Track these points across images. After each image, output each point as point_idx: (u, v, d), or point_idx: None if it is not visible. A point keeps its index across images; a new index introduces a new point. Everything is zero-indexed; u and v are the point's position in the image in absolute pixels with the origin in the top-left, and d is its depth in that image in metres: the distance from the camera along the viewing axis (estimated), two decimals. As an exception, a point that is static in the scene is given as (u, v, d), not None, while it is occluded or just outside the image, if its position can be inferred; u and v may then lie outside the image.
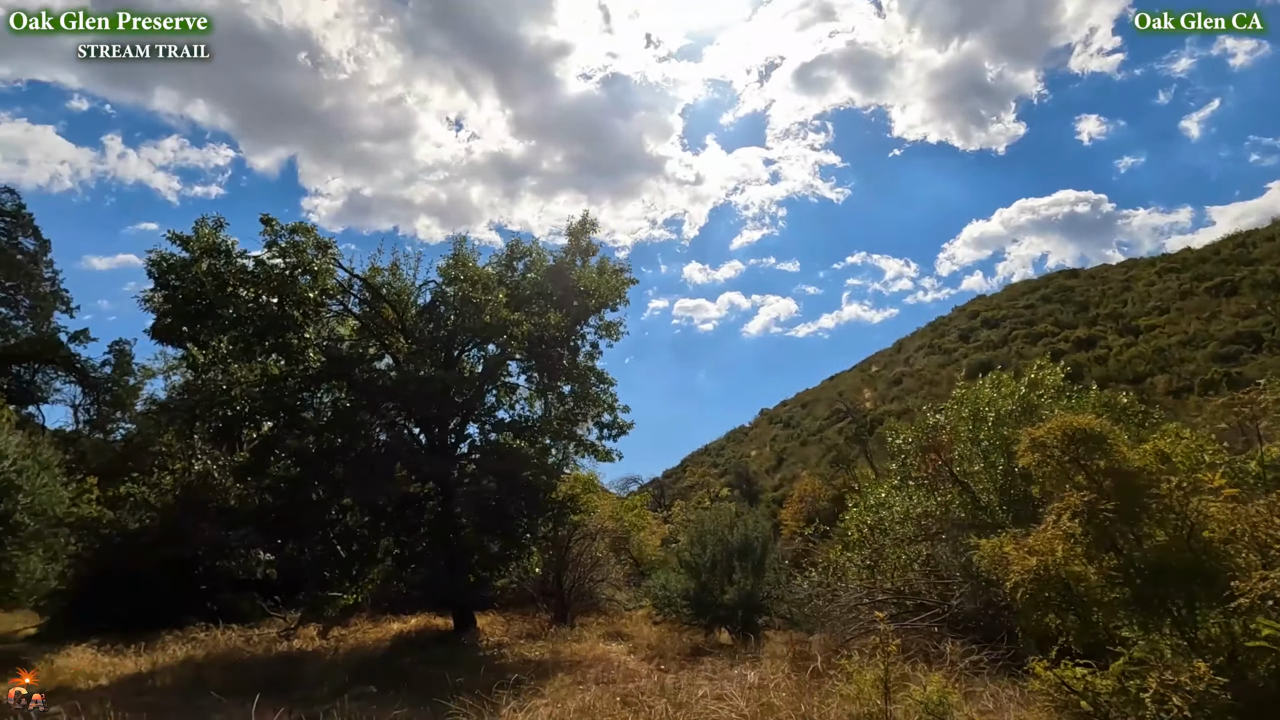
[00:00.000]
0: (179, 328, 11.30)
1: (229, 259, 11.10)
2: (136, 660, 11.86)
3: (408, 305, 13.88)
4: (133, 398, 54.99)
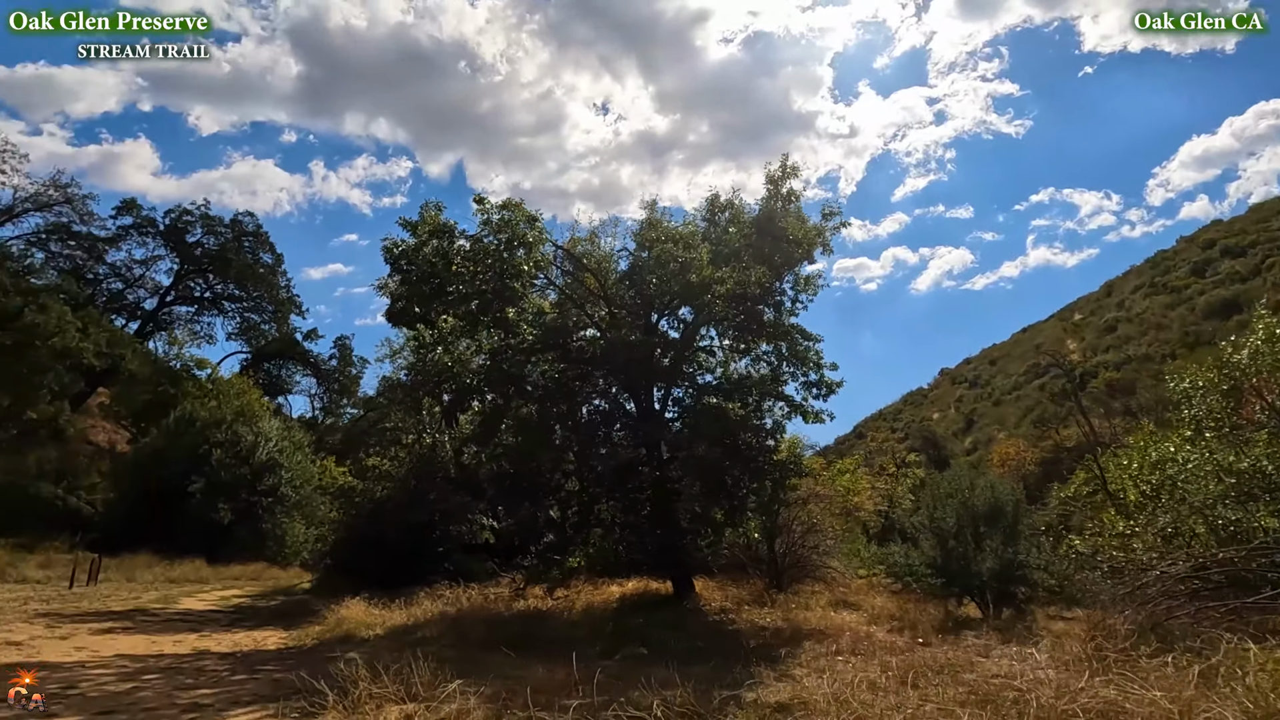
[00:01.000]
0: (412, 309, 12.08)
1: (452, 238, 11.65)
2: (399, 613, 13.14)
3: (608, 273, 13.89)
4: (355, 385, 62.71)
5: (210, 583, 23.91)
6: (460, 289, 11.52)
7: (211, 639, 10.98)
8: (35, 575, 19.31)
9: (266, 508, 33.27)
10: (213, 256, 50.27)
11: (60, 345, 32.40)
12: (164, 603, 15.92)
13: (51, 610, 12.99)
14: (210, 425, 33.38)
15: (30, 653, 8.63)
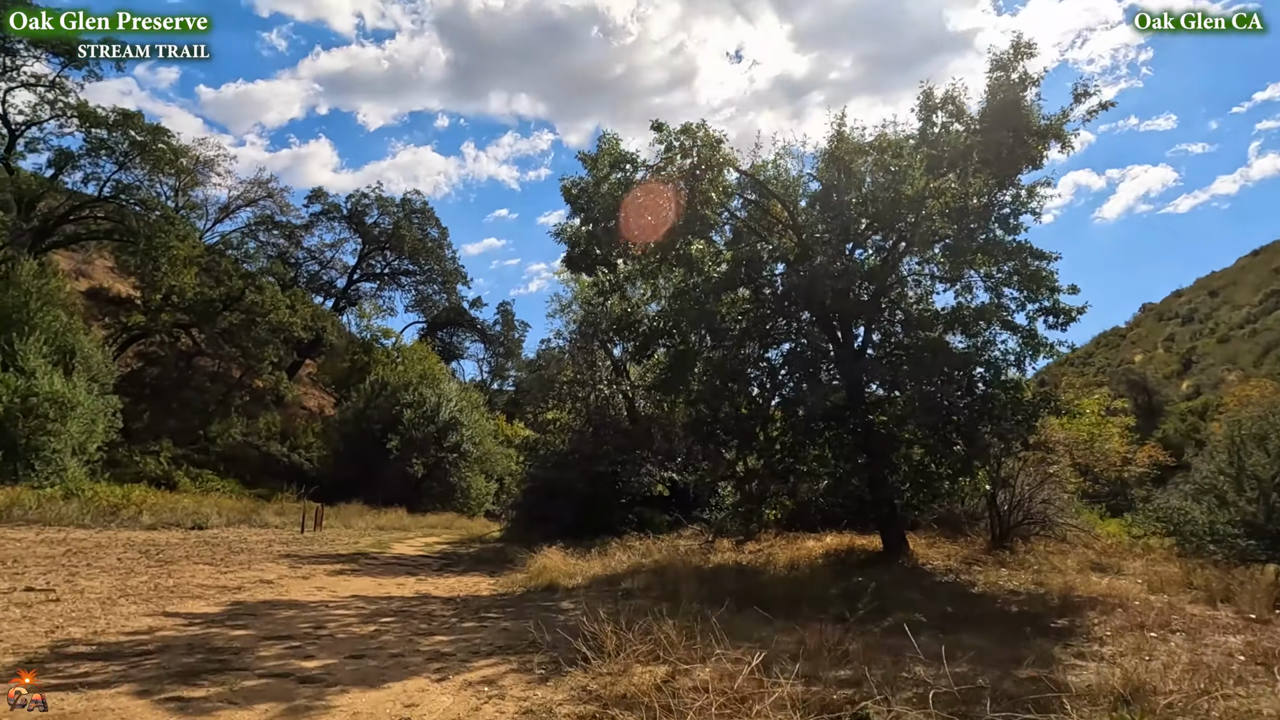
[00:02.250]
0: (593, 251, 11.42)
1: (634, 168, 10.80)
2: (595, 563, 12.99)
3: (796, 199, 12.43)
4: (518, 348, 65.86)
5: (411, 530, 25.96)
6: None
7: (429, 583, 11.35)
8: (274, 521, 21.82)
9: (452, 463, 35.75)
10: (389, 234, 54.26)
11: (275, 320, 36.46)
12: (379, 548, 17.16)
13: (291, 552, 14.29)
14: (399, 388, 36.22)
15: (280, 591, 9.21)
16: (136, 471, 28.44)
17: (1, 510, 16.50)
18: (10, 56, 33.14)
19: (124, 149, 35.20)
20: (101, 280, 45.52)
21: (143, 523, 18.24)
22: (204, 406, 36.52)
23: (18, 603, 6.91)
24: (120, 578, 9.09)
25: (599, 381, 19.07)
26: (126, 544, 13.33)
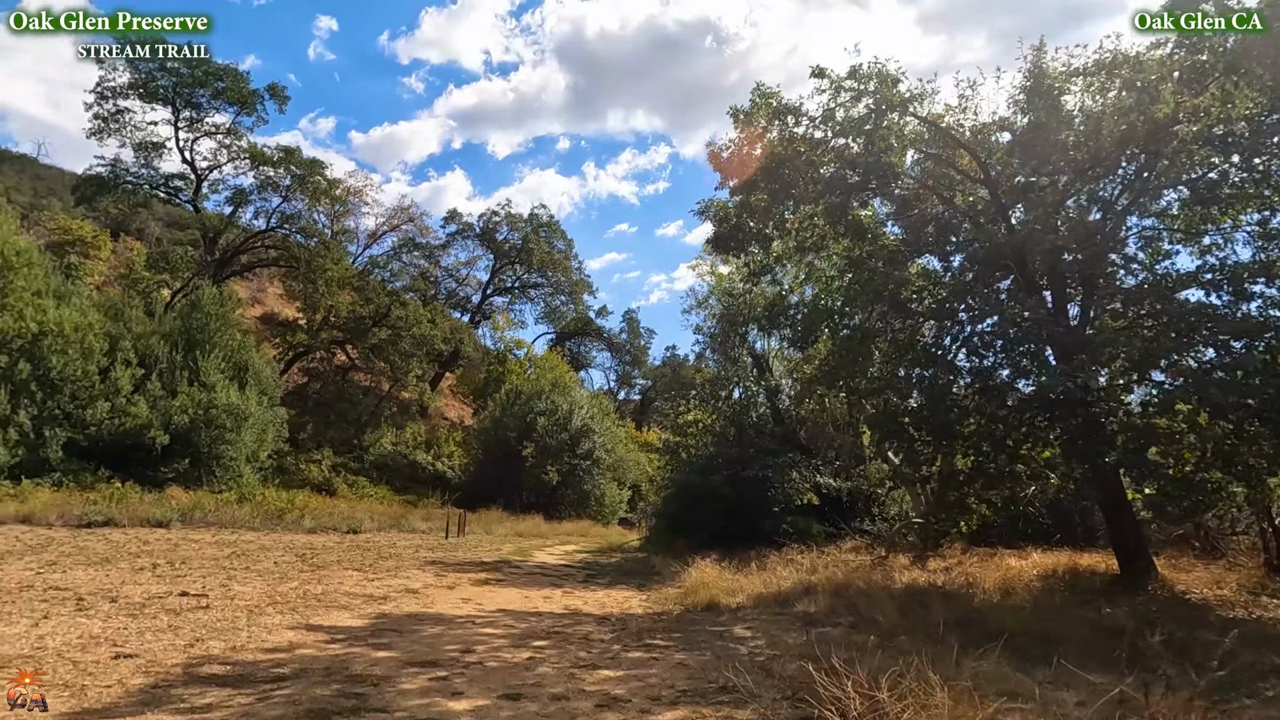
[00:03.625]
0: (745, 225, 10.00)
1: (797, 118, 9.30)
2: (754, 578, 11.49)
3: (989, 148, 10.32)
4: (645, 355, 65.69)
5: (549, 537, 25.66)
6: (819, 176, 9.13)
7: (576, 597, 10.38)
8: (421, 526, 22.18)
9: (585, 470, 35.51)
10: (518, 249, 55.88)
11: (418, 334, 38.15)
12: (521, 556, 16.64)
13: (436, 558, 13.97)
14: (533, 397, 36.58)
15: (426, 601, 8.54)
16: (301, 478, 30.42)
17: (186, 512, 17.68)
18: (196, 110, 37.18)
19: (287, 183, 38.53)
20: (272, 305, 50.22)
21: (304, 526, 18.97)
22: (358, 417, 38.82)
23: (169, 609, 6.56)
24: (272, 583, 8.81)
25: (743, 379, 17.55)
26: (286, 547, 13.54)
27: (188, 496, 19.50)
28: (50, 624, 5.53)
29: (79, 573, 8.26)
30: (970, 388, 8.95)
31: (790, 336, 11.70)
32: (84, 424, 20.03)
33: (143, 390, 21.93)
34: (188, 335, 24.98)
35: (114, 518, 15.76)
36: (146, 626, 5.75)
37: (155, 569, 9.22)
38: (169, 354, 23.78)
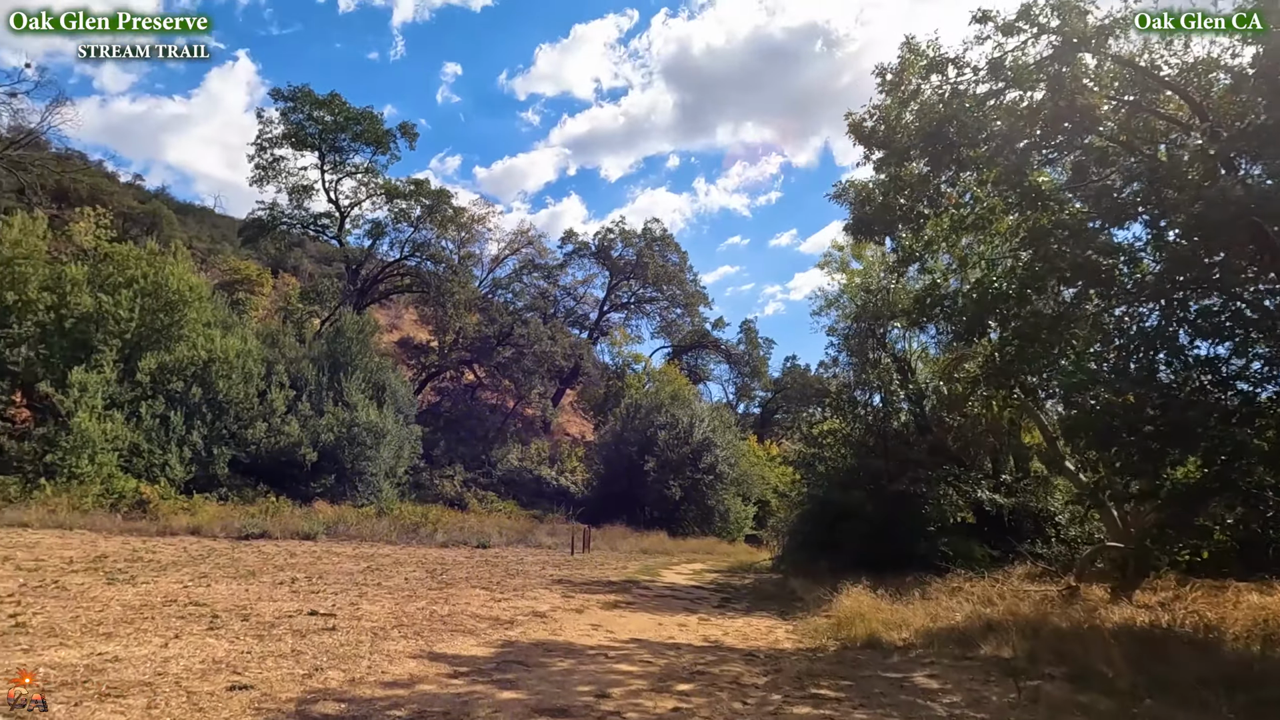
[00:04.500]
0: (893, 203, 8.68)
1: (959, 69, 7.94)
2: (917, 609, 9.96)
3: (1205, 85, 8.37)
4: (764, 366, 63.76)
5: (674, 555, 24.78)
6: (994, 132, 7.70)
7: (714, 625, 9.38)
8: (546, 541, 22.06)
9: (708, 484, 34.39)
10: (632, 264, 56.13)
11: (539, 351, 38.93)
12: (648, 575, 15.87)
13: (563, 576, 13.48)
14: (652, 410, 36.08)
15: (554, 627, 7.89)
16: (436, 493, 31.60)
17: (331, 525, 18.51)
18: (338, 153, 40.46)
19: (417, 214, 41.01)
20: (408, 330, 53.47)
21: (437, 540, 19.31)
22: (486, 434, 40.09)
23: (296, 629, 6.29)
24: (400, 601, 8.54)
25: (884, 384, 15.86)
26: (418, 562, 13.57)
27: (332, 510, 20.49)
28: (179, 645, 5.34)
29: (222, 587, 8.38)
30: (1199, 381, 7.07)
31: (949, 330, 10.12)
32: (245, 442, 21.65)
33: (294, 410, 23.49)
34: (333, 359, 26.66)
35: (268, 530, 16.67)
36: (270, 651, 5.43)
37: (294, 583, 9.26)
38: (316, 376, 25.42)
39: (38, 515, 14.60)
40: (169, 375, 20.61)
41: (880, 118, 8.48)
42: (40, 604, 6.26)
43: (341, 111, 38.97)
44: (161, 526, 15.80)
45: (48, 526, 14.11)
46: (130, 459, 18.79)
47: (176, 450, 19.79)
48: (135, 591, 7.42)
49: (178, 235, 37.93)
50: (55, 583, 7.62)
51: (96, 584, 7.76)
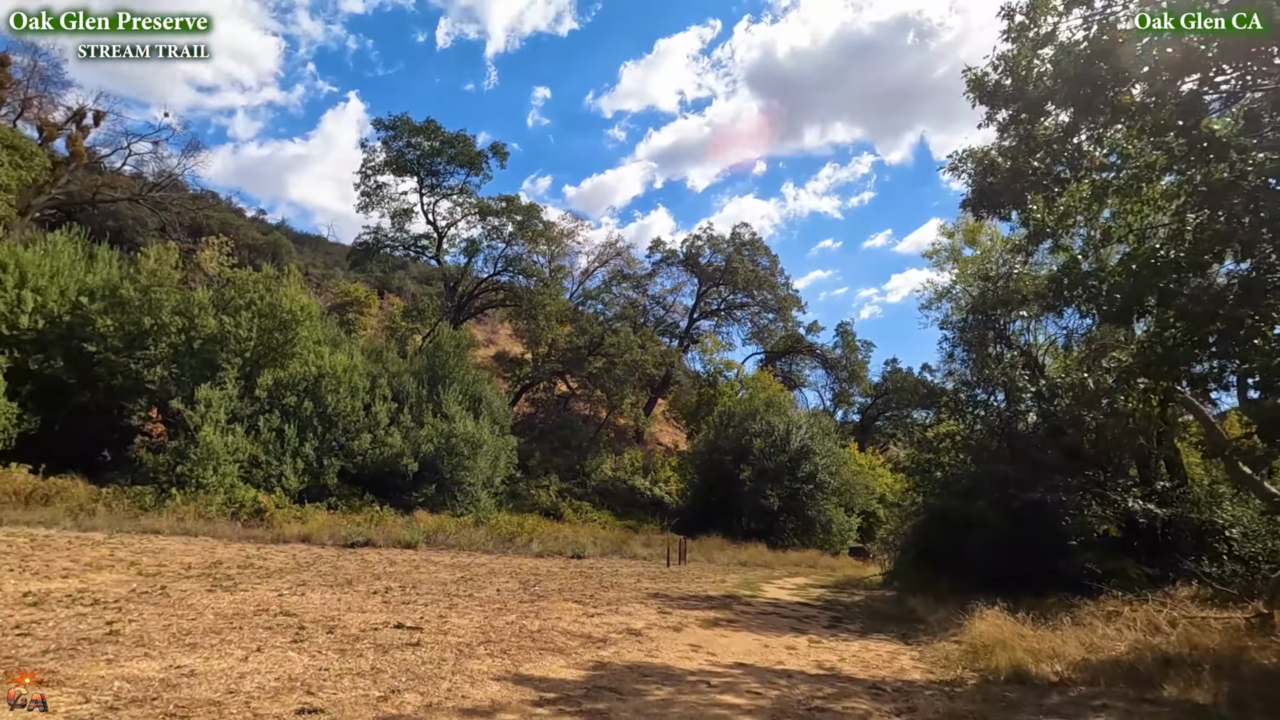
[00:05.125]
0: (1023, 168, 7.51)
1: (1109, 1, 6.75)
2: (1068, 637, 8.57)
3: None
4: (863, 370, 60.88)
5: (775, 568, 23.60)
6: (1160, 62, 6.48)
7: (827, 648, 8.43)
8: (641, 552, 21.52)
9: (808, 494, 32.81)
10: (721, 270, 55.18)
11: (629, 360, 38.74)
12: (749, 590, 14.95)
13: (659, 590, 12.84)
14: (746, 417, 34.96)
15: (650, 647, 7.25)
16: (532, 503, 31.86)
17: (430, 534, 18.79)
18: (435, 176, 42.26)
19: (509, 230, 42.14)
20: (503, 345, 54.95)
21: (532, 550, 19.20)
22: (579, 444, 40.23)
23: (379, 644, 5.99)
24: (490, 614, 8.18)
25: (1009, 381, 14.21)
26: (512, 572, 13.35)
27: (432, 519, 20.86)
28: (259, 658, 5.12)
29: (316, 596, 8.33)
30: None
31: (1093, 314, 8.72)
32: (352, 453, 22.51)
33: (396, 422, 24.26)
34: (431, 372, 27.46)
35: (372, 539, 17.07)
36: (348, 668, 5.11)
37: (387, 593, 9.14)
38: (416, 389, 26.22)
39: (168, 522, 15.56)
40: (284, 390, 21.76)
41: (1006, 69, 7.37)
42: (140, 610, 6.30)
43: (437, 136, 40.71)
44: (275, 534, 16.50)
45: (176, 533, 14.98)
46: (250, 470, 19.89)
47: (291, 461, 20.79)
48: (232, 600, 7.44)
49: (294, 262, 40.66)
50: (162, 589, 7.78)
51: (199, 591, 7.87)
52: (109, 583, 7.92)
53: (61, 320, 20.06)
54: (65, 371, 19.55)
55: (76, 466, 18.03)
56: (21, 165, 24.75)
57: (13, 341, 18.76)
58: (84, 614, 5.92)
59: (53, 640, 4.98)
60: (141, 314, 20.43)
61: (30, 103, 33.28)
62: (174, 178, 40.25)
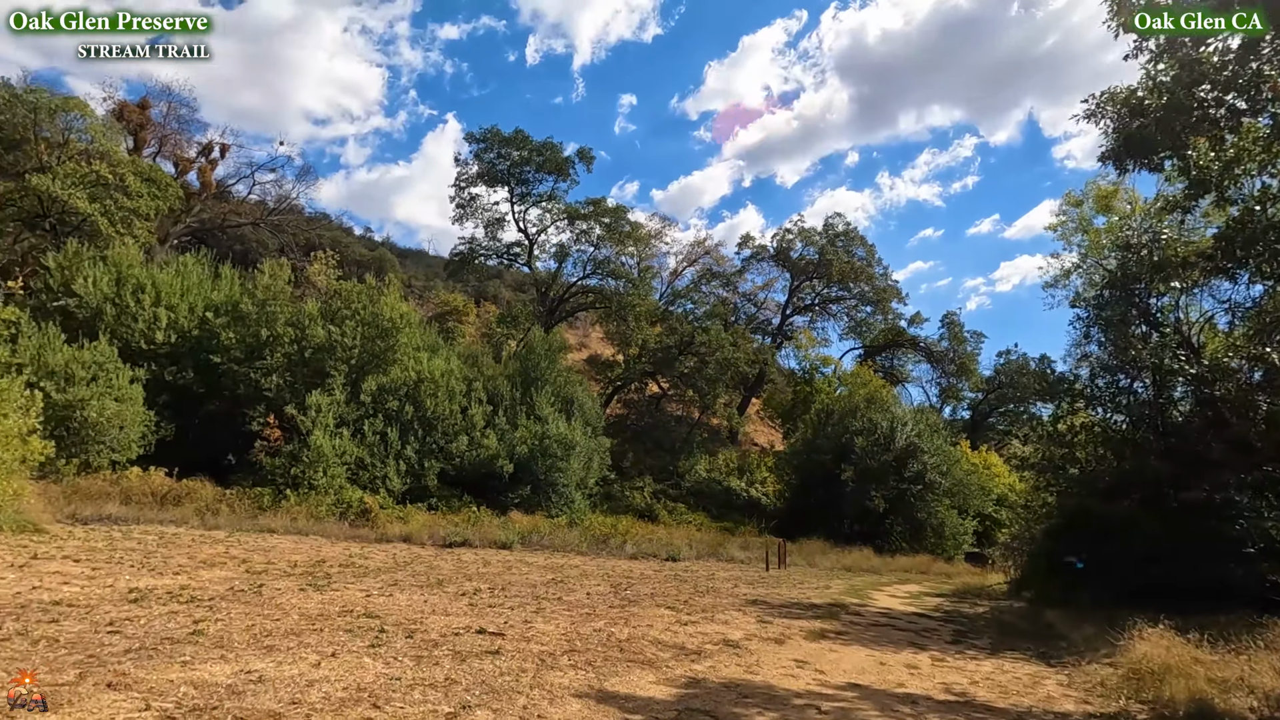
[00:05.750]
0: (1186, 102, 6.25)
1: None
2: (1264, 666, 7.10)
3: None
4: (973, 363, 56.86)
5: (882, 574, 22.10)
6: None
7: (954, 668, 7.41)
8: (739, 555, 20.69)
9: (917, 495, 30.73)
10: (814, 264, 53.15)
11: (721, 358, 37.86)
12: (857, 597, 13.85)
13: (758, 596, 12.05)
14: (846, 415, 33.30)
15: (749, 662, 6.56)
16: (626, 504, 31.65)
17: (525, 534, 18.81)
18: (525, 185, 43.22)
19: (597, 233, 42.45)
20: (595, 349, 55.46)
21: (626, 551, 18.84)
22: (673, 445, 39.74)
23: (457, 651, 5.66)
24: (578, 620, 7.75)
25: (1159, 364, 12.32)
26: (604, 575, 12.97)
27: (527, 520, 20.95)
28: (331, 665, 4.89)
29: (404, 597, 8.21)
30: None
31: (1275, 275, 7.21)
32: (450, 455, 23.04)
33: (492, 425, 24.66)
34: (524, 375, 27.81)
35: (469, 539, 17.25)
36: (421, 678, 4.78)
37: (475, 594, 8.94)
38: (510, 392, 26.59)
39: (282, 522, 16.34)
40: (386, 395, 22.58)
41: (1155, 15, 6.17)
42: (229, 610, 6.32)
43: (525, 145, 41.59)
44: (379, 534, 16.99)
45: (290, 532, 15.68)
46: (356, 472, 20.72)
47: (394, 463, 21.51)
48: (320, 600, 7.42)
49: (396, 274, 42.67)
50: (259, 588, 7.89)
51: (292, 590, 7.93)
52: (213, 580, 8.13)
53: (191, 335, 21.71)
54: (195, 382, 21.12)
55: (205, 470, 19.39)
56: (158, 196, 27.14)
57: (150, 355, 20.45)
58: (176, 612, 5.97)
59: (138, 639, 4.97)
60: (259, 326, 21.78)
61: (167, 140, 36.77)
62: (291, 202, 43.36)
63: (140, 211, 25.85)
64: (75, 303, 20.08)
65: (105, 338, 19.09)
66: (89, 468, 17.06)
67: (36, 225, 24.51)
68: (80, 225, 24.18)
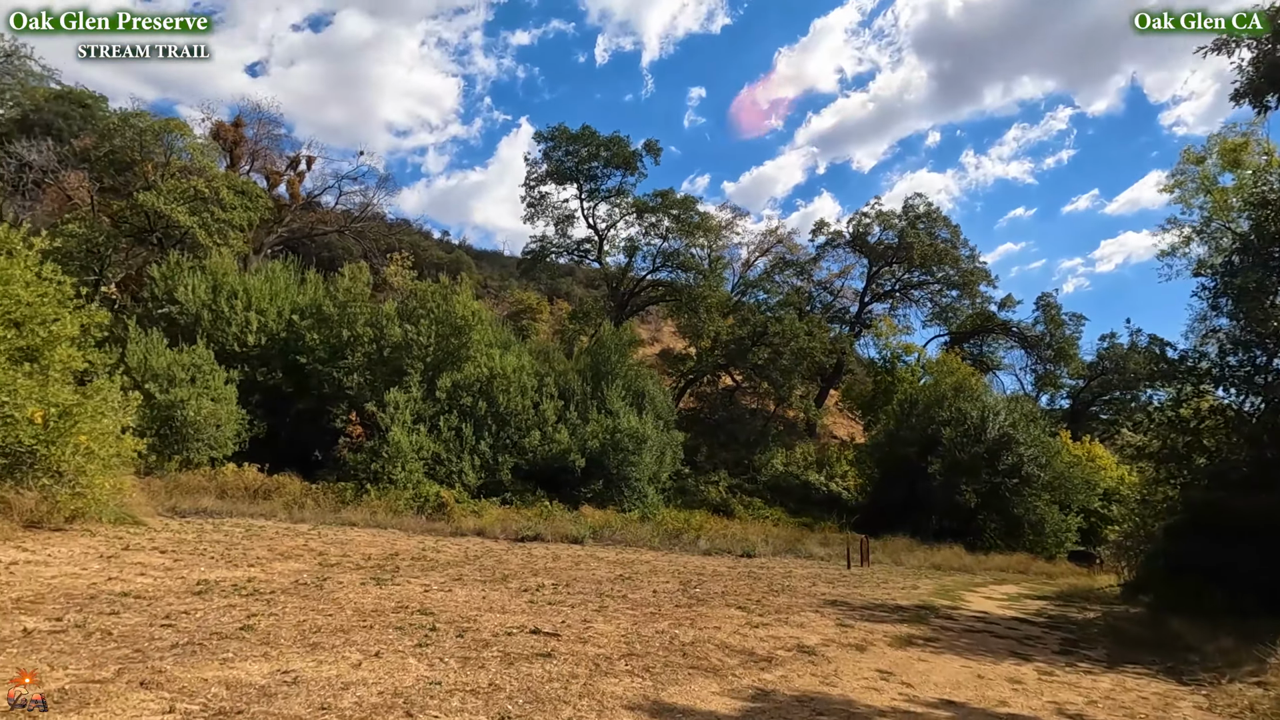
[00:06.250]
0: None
1: None
2: None
3: None
4: (1072, 347, 52.82)
5: (975, 574, 20.64)
6: None
7: (1065, 683, 6.52)
8: (818, 552, 19.81)
9: (1012, 489, 28.65)
10: (893, 248, 50.72)
11: (796, 348, 36.65)
12: (948, 599, 12.83)
13: (837, 596, 11.31)
14: (931, 404, 31.49)
15: (826, 672, 5.96)
16: (701, 498, 31.12)
17: (597, 529, 18.64)
18: (593, 181, 43.32)
19: (666, 225, 42.00)
20: (668, 343, 55.08)
21: (700, 547, 18.35)
22: (748, 438, 38.84)
23: (506, 653, 5.37)
24: (640, 620, 7.35)
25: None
26: (674, 571, 12.55)
27: (599, 515, 20.80)
28: (373, 665, 4.69)
29: (463, 592, 8.06)
30: None
31: None
32: (523, 450, 23.21)
33: (564, 419, 24.69)
34: (595, 369, 27.73)
35: (541, 533, 17.23)
36: (464, 683, 4.50)
37: (538, 590, 8.71)
38: (581, 387, 26.56)
39: (362, 516, 16.81)
40: (460, 392, 22.98)
41: None
42: (285, 604, 6.30)
43: (593, 141, 41.62)
44: (454, 528, 17.22)
45: (369, 526, 16.09)
46: (433, 466, 21.16)
47: (469, 458, 21.85)
48: (379, 594, 7.34)
49: (471, 274, 43.71)
50: (323, 581, 7.92)
51: (354, 584, 7.92)
52: (283, 572, 8.24)
53: (280, 337, 22.78)
54: (284, 381, 22.15)
55: (295, 465, 20.28)
56: (250, 208, 28.71)
57: (243, 357, 21.58)
58: (234, 605, 5.99)
59: (188, 634, 4.95)
60: (340, 327, 22.61)
61: (259, 155, 39.00)
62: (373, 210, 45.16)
63: (234, 222, 27.39)
64: (177, 309, 21.43)
65: (203, 341, 20.28)
66: (189, 464, 18.13)
67: (145, 239, 26.40)
68: (182, 238, 25.84)
